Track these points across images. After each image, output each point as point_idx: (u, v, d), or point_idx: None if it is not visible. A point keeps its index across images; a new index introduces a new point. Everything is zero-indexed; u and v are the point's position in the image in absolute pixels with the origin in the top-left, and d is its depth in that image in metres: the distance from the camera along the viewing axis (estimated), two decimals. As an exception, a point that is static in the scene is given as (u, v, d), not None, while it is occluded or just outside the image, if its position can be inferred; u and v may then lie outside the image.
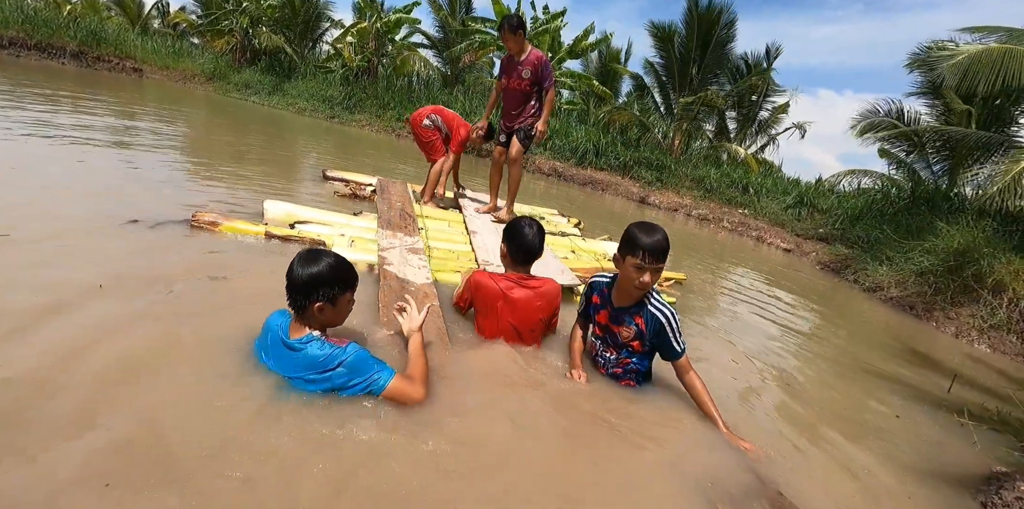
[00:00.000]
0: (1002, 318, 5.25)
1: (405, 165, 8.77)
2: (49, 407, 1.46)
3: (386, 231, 3.63)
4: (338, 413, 1.67)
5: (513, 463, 1.66)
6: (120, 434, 1.41)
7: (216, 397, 1.64)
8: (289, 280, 1.81)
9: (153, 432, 1.45)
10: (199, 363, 1.80)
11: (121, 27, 22.18)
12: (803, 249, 9.23)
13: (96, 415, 1.46)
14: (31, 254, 2.38)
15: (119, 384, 1.61)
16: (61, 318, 1.88)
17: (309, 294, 1.80)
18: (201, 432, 1.48)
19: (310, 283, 1.79)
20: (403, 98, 16.64)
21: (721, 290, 5.12)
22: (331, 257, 1.86)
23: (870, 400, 3.07)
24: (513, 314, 2.41)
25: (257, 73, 19.96)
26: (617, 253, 2.22)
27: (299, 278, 1.79)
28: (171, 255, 2.72)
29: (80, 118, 6.73)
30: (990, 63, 6.48)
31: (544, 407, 2.02)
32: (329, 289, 1.82)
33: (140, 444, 1.39)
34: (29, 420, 1.40)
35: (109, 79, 15.71)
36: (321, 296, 1.81)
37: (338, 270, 1.86)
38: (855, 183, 12.25)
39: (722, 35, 13.73)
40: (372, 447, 1.57)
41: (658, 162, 13.42)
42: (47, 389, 1.53)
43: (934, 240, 6.57)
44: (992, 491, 2.20)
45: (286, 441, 1.50)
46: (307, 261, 1.81)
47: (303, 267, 1.80)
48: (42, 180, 3.62)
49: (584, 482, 1.67)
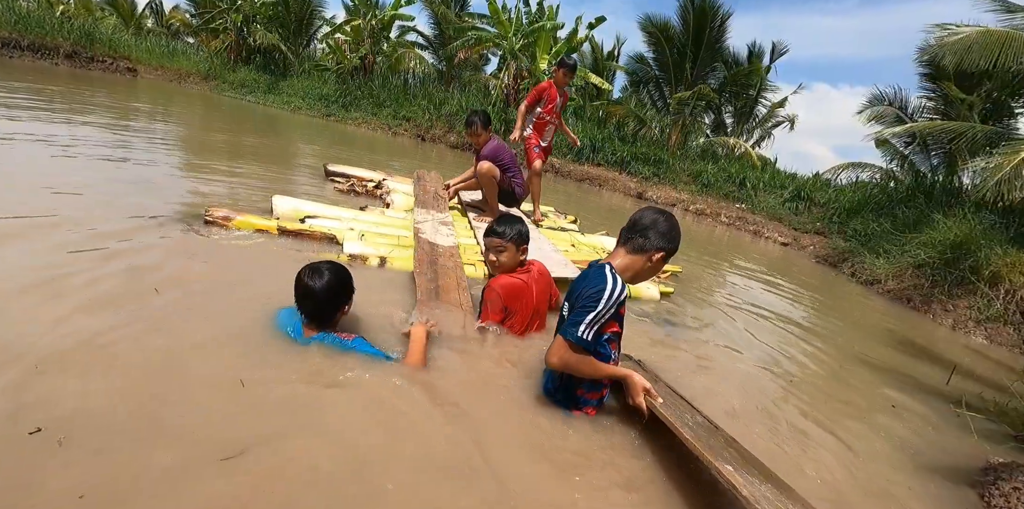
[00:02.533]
0: (999, 310, 5.26)
1: (401, 161, 8.76)
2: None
3: (421, 209, 4.15)
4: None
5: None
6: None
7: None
8: (310, 295, 1.89)
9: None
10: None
11: (115, 27, 22.08)
12: (800, 243, 9.25)
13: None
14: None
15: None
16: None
17: (337, 303, 1.97)
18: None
19: (334, 293, 1.93)
20: (399, 95, 16.59)
21: (718, 283, 5.13)
22: (331, 265, 1.97)
23: (868, 392, 3.08)
24: (535, 300, 2.54)
25: (252, 72, 19.89)
26: (659, 252, 1.91)
27: (322, 292, 1.89)
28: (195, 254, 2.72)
29: (76, 118, 6.70)
30: (988, 45, 6.65)
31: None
32: (347, 293, 2.00)
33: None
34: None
35: (103, 79, 15.64)
36: (344, 301, 1.99)
37: (346, 275, 2.00)
38: (853, 177, 12.28)
39: (716, 29, 13.73)
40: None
41: (655, 157, 13.42)
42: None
43: (931, 233, 6.58)
44: (990, 481, 2.22)
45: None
46: (318, 275, 1.91)
47: (318, 280, 1.89)
48: (46, 180, 3.60)
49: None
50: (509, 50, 14.17)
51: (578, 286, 1.92)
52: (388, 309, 2.49)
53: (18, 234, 2.54)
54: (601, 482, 1.66)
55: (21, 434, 1.33)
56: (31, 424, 1.36)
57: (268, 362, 1.86)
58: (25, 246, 2.44)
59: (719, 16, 13.48)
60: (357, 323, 2.25)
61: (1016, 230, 6.47)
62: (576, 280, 1.99)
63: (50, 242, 2.50)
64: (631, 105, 16.02)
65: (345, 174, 5.56)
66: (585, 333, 1.79)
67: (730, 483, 1.50)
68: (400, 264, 3.19)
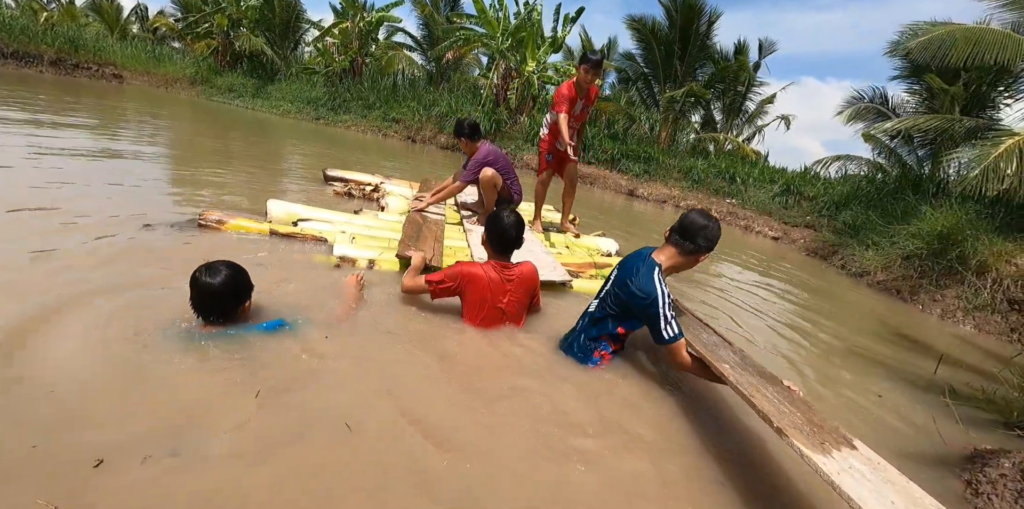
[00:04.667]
0: (986, 298, 5.32)
1: (393, 163, 8.74)
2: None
3: (421, 193, 4.69)
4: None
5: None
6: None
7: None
8: (210, 294, 1.90)
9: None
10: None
11: (99, 33, 21.89)
12: (791, 236, 9.30)
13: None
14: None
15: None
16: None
17: (240, 297, 2.00)
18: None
19: (234, 289, 1.96)
20: (388, 97, 16.55)
21: (710, 278, 5.15)
22: (226, 263, 1.98)
23: (855, 382, 3.10)
24: (500, 299, 2.54)
25: (239, 76, 19.79)
26: (699, 251, 2.26)
27: (221, 288, 1.91)
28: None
29: (62, 127, 6.65)
30: (954, 42, 6.82)
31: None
32: (246, 289, 2.03)
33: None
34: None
35: (90, 86, 15.52)
36: (245, 296, 2.02)
37: (242, 271, 2.02)
38: (841, 169, 12.36)
39: (704, 27, 13.75)
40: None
41: (645, 154, 13.45)
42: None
43: (919, 224, 6.63)
44: (977, 469, 2.23)
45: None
46: (214, 273, 1.91)
47: (215, 278, 1.90)
48: (41, 189, 3.58)
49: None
50: (497, 50, 14.17)
51: (626, 277, 2.27)
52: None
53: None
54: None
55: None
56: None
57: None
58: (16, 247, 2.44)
59: (705, 14, 13.51)
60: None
61: (1002, 219, 6.54)
62: (626, 270, 2.32)
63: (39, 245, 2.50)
64: (621, 102, 16.04)
65: (344, 179, 5.60)
66: (676, 328, 2.13)
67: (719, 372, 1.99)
68: (388, 266, 3.19)
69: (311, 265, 3.07)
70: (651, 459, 1.82)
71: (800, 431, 1.63)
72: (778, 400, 1.83)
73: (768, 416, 1.70)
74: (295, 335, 2.07)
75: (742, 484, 1.78)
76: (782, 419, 1.69)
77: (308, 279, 2.78)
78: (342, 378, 1.91)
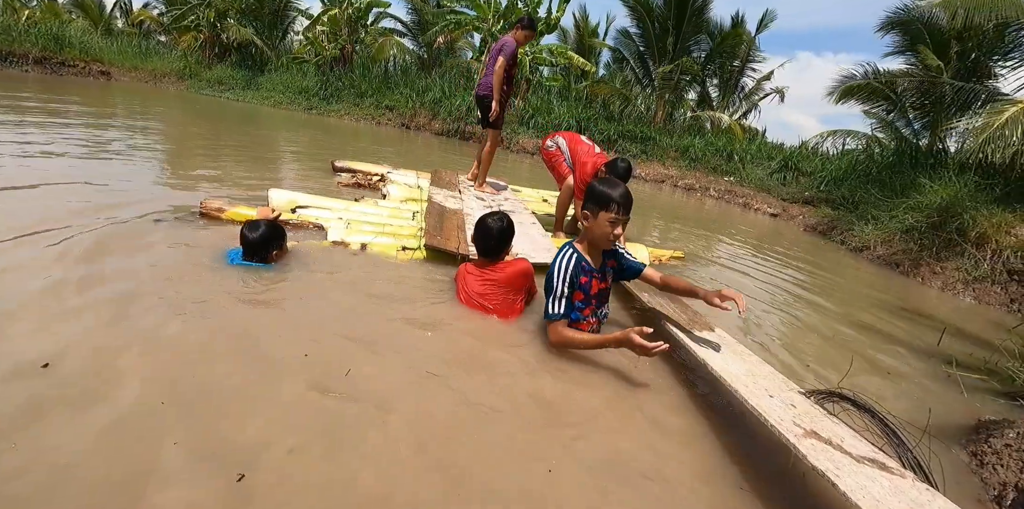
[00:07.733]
0: (986, 270, 5.34)
1: (388, 148, 8.68)
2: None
3: (435, 187, 4.81)
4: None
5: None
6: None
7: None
8: (249, 242, 2.62)
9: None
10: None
11: (84, 30, 21.50)
12: (790, 213, 9.29)
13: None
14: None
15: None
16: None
17: (269, 247, 2.68)
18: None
19: (268, 240, 2.66)
20: (380, 85, 16.35)
21: (710, 257, 5.15)
22: (266, 223, 2.70)
23: (859, 355, 3.12)
24: (482, 298, 2.61)
25: (228, 68, 19.53)
26: (586, 210, 2.24)
27: (257, 239, 2.62)
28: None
29: (53, 126, 6.58)
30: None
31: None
32: (279, 241, 2.76)
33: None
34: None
35: (77, 83, 15.32)
36: (275, 246, 2.73)
37: (277, 228, 2.76)
38: (839, 144, 12.27)
39: (699, 1, 13.54)
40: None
41: (642, 134, 13.36)
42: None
43: (918, 197, 6.62)
44: (982, 440, 2.24)
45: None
46: (254, 228, 2.64)
47: (254, 232, 2.63)
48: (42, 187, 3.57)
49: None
50: (488, 32, 13.97)
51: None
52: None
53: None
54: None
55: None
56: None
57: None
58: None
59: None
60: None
61: (1001, 190, 6.52)
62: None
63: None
64: (616, 83, 15.88)
65: (351, 169, 5.65)
66: (556, 308, 2.25)
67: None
68: (380, 249, 3.28)
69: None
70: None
71: (684, 323, 2.56)
72: (674, 310, 2.74)
73: (668, 315, 2.60)
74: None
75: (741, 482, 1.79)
76: (674, 316, 2.62)
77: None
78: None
